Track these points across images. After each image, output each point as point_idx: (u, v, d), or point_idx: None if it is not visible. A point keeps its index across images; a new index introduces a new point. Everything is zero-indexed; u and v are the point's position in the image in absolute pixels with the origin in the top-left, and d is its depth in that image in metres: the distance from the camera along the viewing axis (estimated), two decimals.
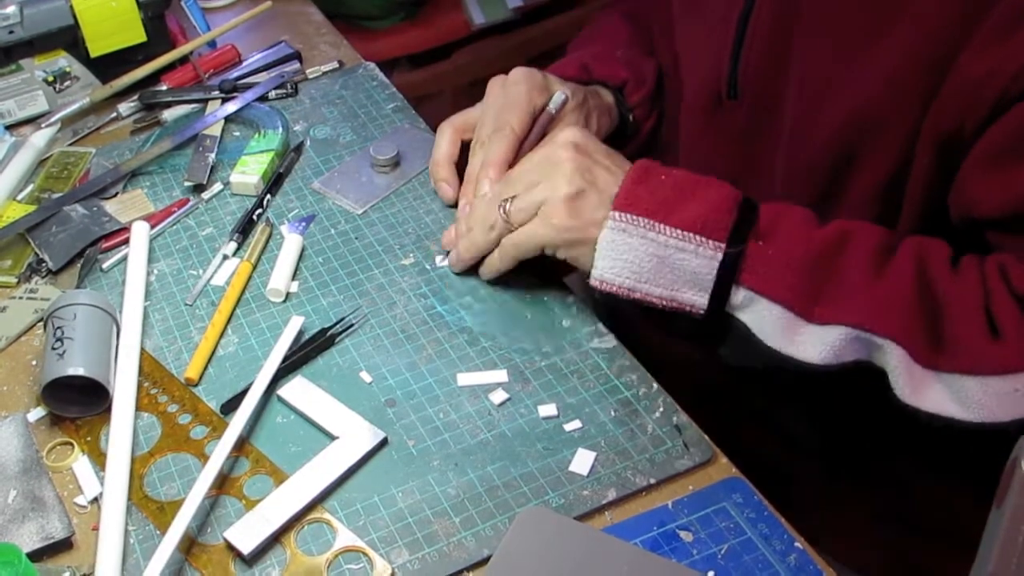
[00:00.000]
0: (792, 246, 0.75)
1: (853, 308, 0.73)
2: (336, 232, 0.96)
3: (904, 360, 0.72)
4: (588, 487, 0.74)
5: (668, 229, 0.75)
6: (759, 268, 0.74)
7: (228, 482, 0.75)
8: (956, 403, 0.71)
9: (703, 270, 0.75)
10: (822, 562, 0.70)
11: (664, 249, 0.75)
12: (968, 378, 0.70)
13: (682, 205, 0.75)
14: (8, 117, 1.11)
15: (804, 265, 0.74)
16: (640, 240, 0.75)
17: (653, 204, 0.76)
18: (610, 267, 0.77)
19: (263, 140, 1.05)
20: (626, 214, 0.76)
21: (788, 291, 0.73)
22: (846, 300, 0.73)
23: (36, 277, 0.93)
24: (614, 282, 0.77)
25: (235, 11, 1.29)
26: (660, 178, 0.78)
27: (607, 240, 0.76)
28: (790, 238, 0.75)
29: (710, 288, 0.75)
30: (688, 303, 0.77)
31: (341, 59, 1.19)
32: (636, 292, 0.77)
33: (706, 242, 0.74)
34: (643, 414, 0.79)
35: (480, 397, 0.81)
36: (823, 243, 0.75)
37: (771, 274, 0.74)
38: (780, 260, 0.74)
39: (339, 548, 0.71)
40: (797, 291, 0.73)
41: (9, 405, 0.82)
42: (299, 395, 0.81)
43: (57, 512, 0.73)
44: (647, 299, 0.78)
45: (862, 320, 0.72)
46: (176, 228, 0.98)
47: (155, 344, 0.86)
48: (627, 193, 0.77)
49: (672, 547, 0.71)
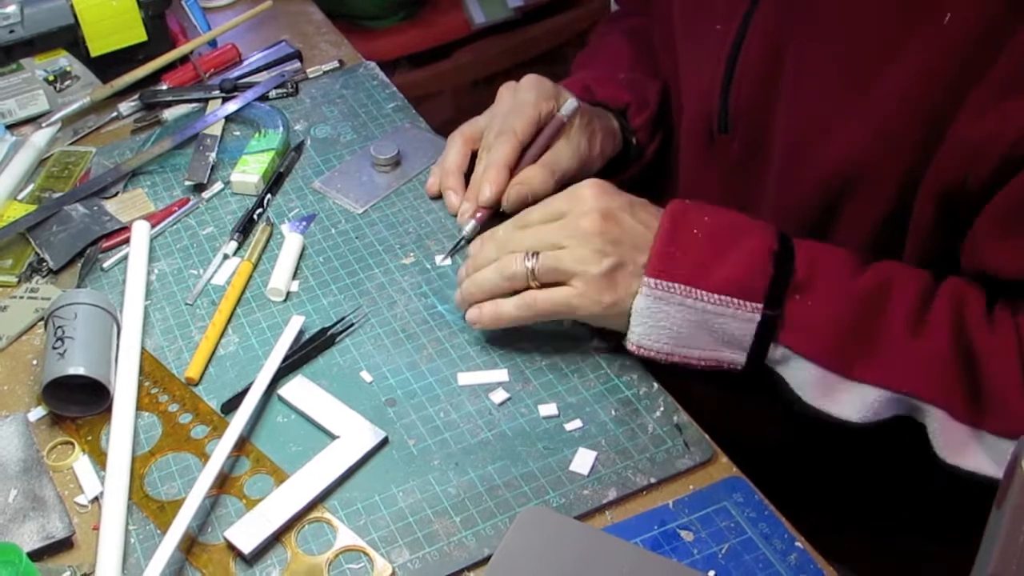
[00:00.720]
0: (830, 302, 0.73)
1: (893, 371, 0.72)
2: (337, 231, 0.96)
3: (944, 421, 0.71)
4: (589, 486, 0.74)
5: (705, 295, 0.73)
6: (796, 327, 0.73)
7: (229, 481, 0.75)
8: (995, 464, 0.70)
9: (741, 332, 0.74)
10: (823, 561, 0.70)
11: (702, 315, 0.74)
12: (1004, 441, 0.70)
13: (717, 265, 0.74)
14: (9, 116, 1.11)
15: (842, 324, 0.73)
16: (677, 308, 0.74)
17: (687, 268, 0.74)
18: (647, 334, 0.76)
19: (263, 139, 1.05)
20: (661, 281, 0.74)
21: (825, 351, 0.73)
22: (885, 361, 0.72)
23: (37, 276, 0.93)
24: (652, 348, 0.76)
25: (235, 10, 1.29)
26: (693, 232, 0.76)
27: (642, 307, 0.75)
28: (829, 292, 0.74)
29: (748, 347, 0.74)
30: (727, 361, 0.76)
31: (342, 58, 1.19)
32: (675, 356, 0.77)
33: (744, 304, 0.73)
34: (644, 413, 0.79)
35: (481, 396, 0.81)
36: (862, 299, 0.73)
37: (809, 333, 0.73)
38: (818, 318, 0.73)
39: (340, 547, 0.71)
40: (835, 351, 0.72)
41: (10, 404, 0.82)
42: (299, 394, 0.81)
43: (58, 511, 0.73)
44: (686, 361, 0.77)
45: (902, 384, 0.71)
46: (176, 227, 0.98)
47: (156, 343, 0.86)
48: (660, 257, 0.75)
49: (673, 547, 0.71)
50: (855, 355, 0.72)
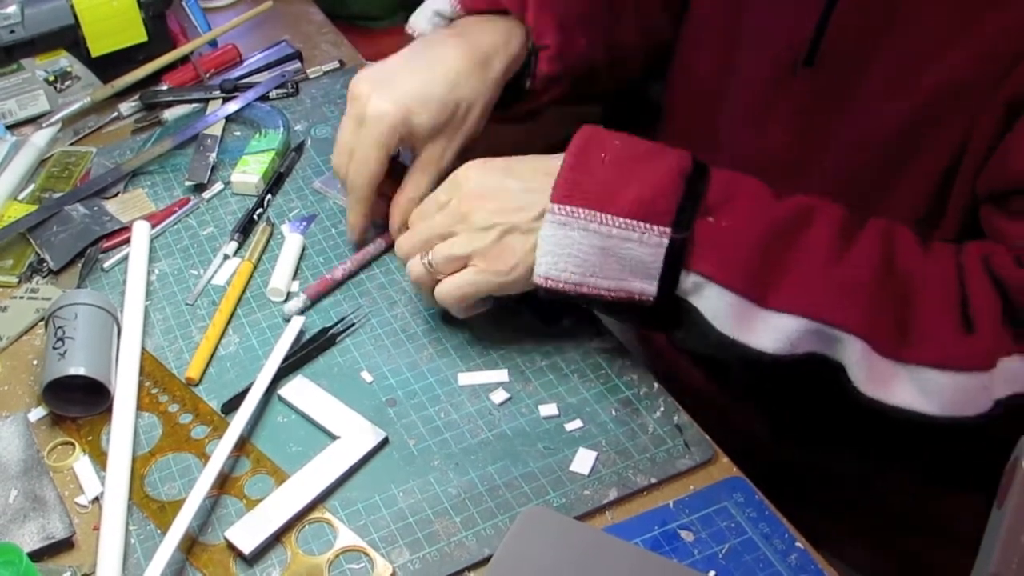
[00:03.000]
0: (745, 224, 0.70)
1: (811, 298, 0.69)
2: (337, 232, 0.96)
3: (864, 353, 0.68)
4: (589, 487, 0.74)
5: (610, 219, 0.70)
6: (708, 251, 0.70)
7: (229, 482, 0.75)
8: (921, 395, 0.68)
9: (649, 258, 0.71)
10: (823, 561, 0.70)
11: (608, 240, 0.71)
12: (935, 371, 0.67)
13: (623, 190, 0.71)
14: (9, 117, 1.11)
15: (758, 246, 0.69)
16: (582, 234, 0.71)
17: (592, 193, 0.71)
18: (554, 263, 0.73)
19: (264, 140, 1.05)
20: (564, 207, 0.71)
21: (739, 276, 0.69)
22: (803, 288, 0.69)
23: (37, 277, 0.93)
24: (559, 278, 0.73)
25: (236, 11, 1.29)
26: (600, 156, 0.73)
27: (547, 236, 0.72)
28: (743, 214, 0.70)
29: (658, 275, 0.71)
30: (636, 292, 0.73)
31: (342, 59, 1.19)
32: (583, 287, 0.73)
33: (651, 228, 0.70)
34: (644, 413, 0.79)
35: (481, 396, 0.81)
36: (780, 221, 0.70)
37: (721, 258, 0.70)
38: (731, 241, 0.70)
39: (340, 548, 0.71)
40: (749, 276, 0.69)
41: (10, 405, 0.82)
42: (300, 395, 0.81)
43: (58, 512, 0.73)
44: (595, 292, 0.73)
45: (820, 312, 0.68)
46: (177, 228, 0.98)
47: (156, 344, 0.86)
48: (565, 183, 0.72)
49: (673, 547, 0.71)
50: (771, 281, 0.69)
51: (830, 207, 0.72)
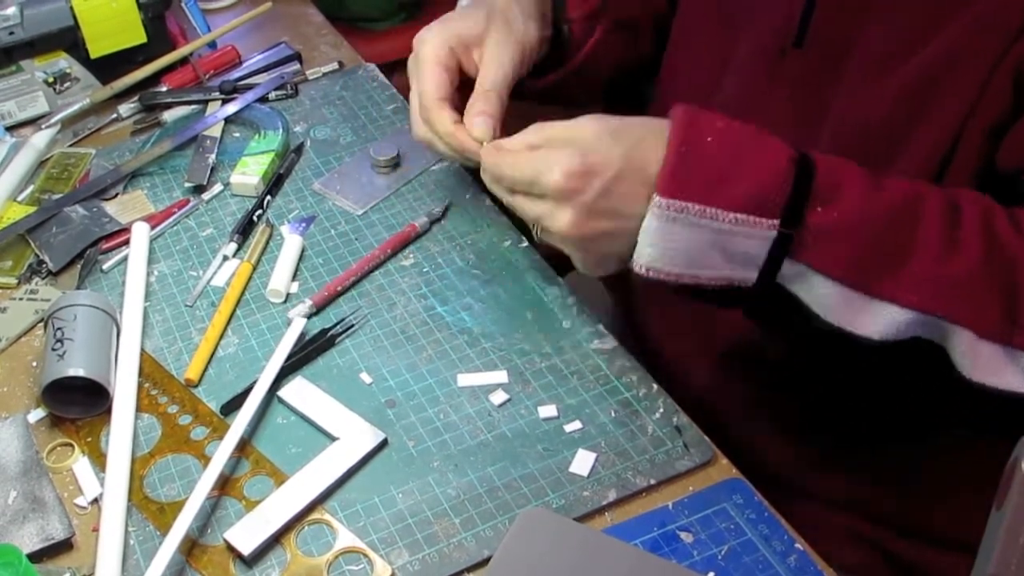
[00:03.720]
0: (854, 216, 0.69)
1: (922, 292, 0.68)
2: (336, 233, 0.96)
3: (972, 341, 0.68)
4: (588, 488, 0.74)
5: (720, 213, 0.69)
6: (816, 242, 0.69)
7: (228, 483, 0.75)
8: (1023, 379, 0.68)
9: (757, 250, 0.70)
10: (822, 563, 0.70)
11: (717, 235, 0.69)
12: None
13: (733, 182, 0.69)
14: (8, 118, 1.11)
15: (867, 238, 0.69)
16: (691, 229, 0.69)
17: (701, 185, 0.69)
18: (659, 256, 0.70)
19: (263, 141, 1.05)
20: (675, 201, 0.69)
21: (847, 268, 0.68)
22: (914, 281, 0.68)
23: (36, 278, 0.93)
24: (662, 270, 0.71)
25: (235, 12, 1.29)
26: (706, 141, 0.70)
27: (653, 227, 0.69)
28: (852, 204, 0.69)
29: (761, 264, 0.70)
30: (738, 279, 0.71)
31: (341, 60, 1.19)
32: (685, 277, 0.72)
33: (760, 221, 0.69)
34: (643, 415, 0.79)
35: (480, 398, 0.81)
36: (890, 211, 0.69)
37: (829, 249, 0.69)
38: (840, 232, 0.69)
39: (339, 549, 0.71)
40: (859, 270, 0.68)
41: (9, 406, 0.82)
42: (299, 396, 0.81)
43: (57, 513, 0.73)
44: (695, 282, 0.72)
45: (932, 306, 0.68)
46: (176, 229, 0.98)
47: (155, 345, 0.86)
48: (673, 174, 0.69)
49: (672, 548, 0.71)
50: (882, 271, 0.69)
51: (932, 193, 0.71)
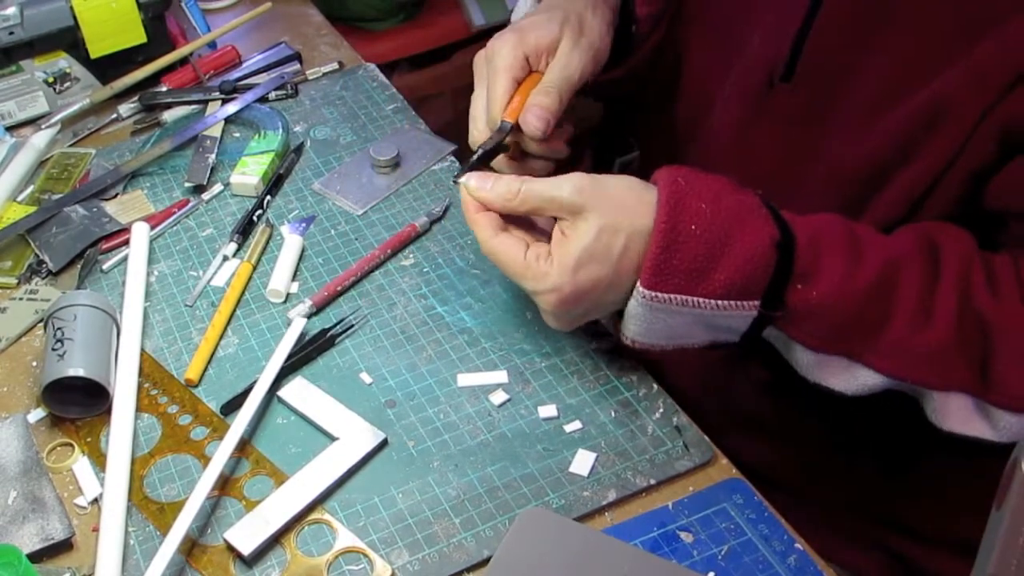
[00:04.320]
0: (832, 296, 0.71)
1: (896, 361, 0.71)
2: (336, 233, 0.96)
3: (943, 399, 0.71)
4: (588, 488, 0.74)
5: (701, 301, 0.71)
6: (795, 319, 0.72)
7: (228, 483, 0.75)
8: (992, 430, 0.71)
9: (739, 324, 0.73)
10: (822, 562, 0.70)
11: (699, 317, 0.72)
12: (1009, 414, 0.70)
13: (713, 271, 0.71)
14: (8, 118, 1.11)
15: (845, 315, 0.71)
16: (671, 315, 0.72)
17: (685, 277, 0.71)
18: (643, 333, 0.74)
19: (263, 141, 1.05)
20: (656, 293, 0.71)
21: (824, 342, 0.72)
22: (887, 354, 0.71)
23: (36, 278, 0.93)
24: (647, 342, 0.75)
25: (235, 12, 1.29)
26: (690, 230, 0.71)
27: (638, 313, 0.73)
28: (831, 285, 0.71)
29: (744, 332, 0.74)
30: (721, 342, 0.76)
31: (341, 60, 1.19)
32: (670, 347, 0.76)
33: (741, 304, 0.71)
34: (643, 415, 0.79)
35: (480, 398, 0.81)
36: (866, 289, 0.71)
37: (807, 327, 0.72)
38: (818, 312, 0.71)
39: (339, 549, 0.71)
40: (834, 342, 0.72)
41: (9, 406, 0.82)
42: (299, 396, 0.81)
43: (57, 513, 0.73)
44: (680, 347, 0.76)
45: (906, 374, 0.71)
46: (176, 229, 0.98)
47: (155, 345, 0.86)
48: (654, 269, 0.71)
49: (672, 548, 0.71)
50: (857, 345, 0.71)
51: (911, 258, 0.72)
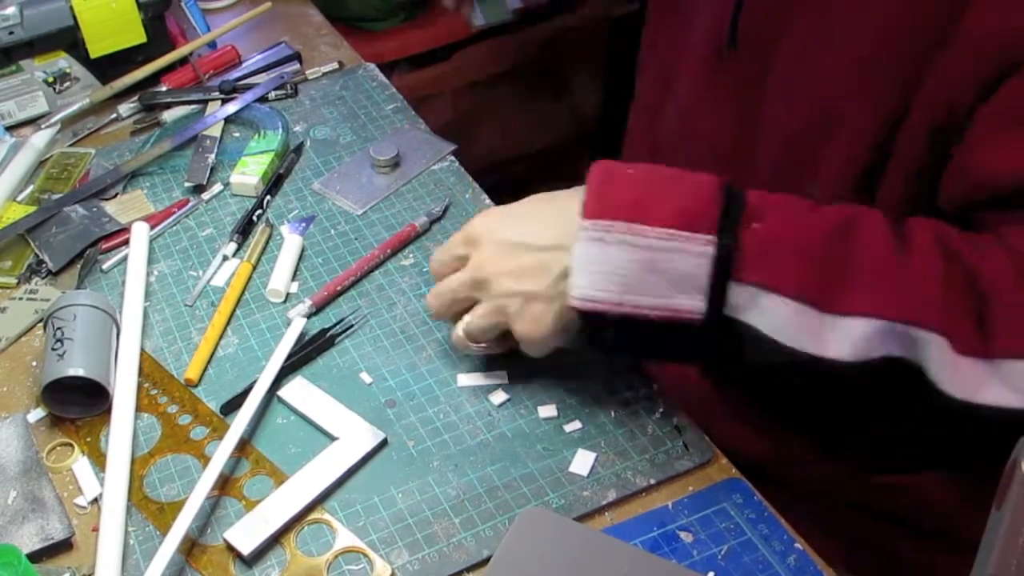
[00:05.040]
0: (793, 228, 0.66)
1: (881, 296, 0.64)
2: (336, 233, 0.96)
3: (947, 352, 0.63)
4: (588, 488, 0.74)
5: (649, 229, 0.66)
6: (759, 258, 0.65)
7: (228, 483, 0.75)
8: (1009, 391, 0.63)
9: (695, 270, 0.66)
10: (822, 562, 0.70)
11: (648, 252, 0.67)
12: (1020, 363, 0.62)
13: (659, 200, 0.67)
14: (8, 118, 1.11)
15: (812, 248, 0.65)
16: (619, 248, 0.67)
17: (626, 205, 0.68)
18: (591, 283, 0.68)
19: (263, 141, 1.05)
20: (599, 221, 0.67)
21: (797, 280, 0.65)
22: (871, 286, 0.64)
23: (36, 278, 0.93)
24: (598, 298, 0.68)
25: (235, 12, 1.29)
26: (627, 173, 0.69)
27: (582, 253, 0.68)
28: (789, 220, 0.67)
29: (706, 289, 0.66)
30: (684, 309, 0.67)
31: (341, 60, 1.19)
32: (624, 306, 0.68)
33: (694, 236, 0.66)
34: (643, 415, 0.79)
35: (480, 398, 0.81)
36: (829, 223, 0.66)
37: (774, 263, 0.65)
38: (782, 246, 0.65)
39: (339, 549, 0.71)
40: (808, 279, 0.65)
41: (9, 406, 0.82)
42: (299, 396, 0.81)
43: (57, 513, 0.73)
44: (638, 312, 0.68)
45: (896, 311, 0.64)
46: (176, 229, 0.98)
47: (155, 345, 0.86)
48: (596, 197, 0.68)
49: (672, 548, 0.71)
50: (835, 283, 0.65)
51: (871, 210, 0.68)
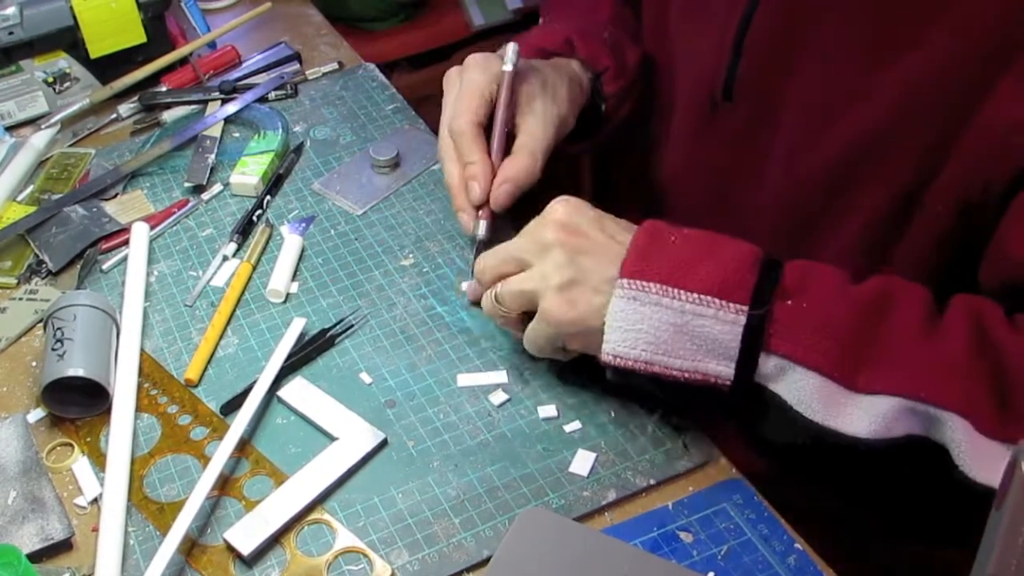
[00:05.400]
0: (827, 305, 0.67)
1: (905, 375, 0.65)
2: (336, 233, 0.96)
3: (968, 433, 0.64)
4: (588, 488, 0.74)
5: (684, 294, 0.68)
6: (790, 332, 0.67)
7: (228, 483, 0.75)
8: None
9: (726, 336, 0.68)
10: (822, 563, 0.70)
11: (681, 316, 0.68)
12: None
13: (697, 267, 0.69)
14: (8, 118, 1.11)
15: (842, 326, 0.67)
16: (654, 308, 0.69)
17: (665, 268, 0.69)
18: (622, 340, 0.70)
19: (263, 141, 1.05)
20: (636, 281, 0.69)
21: (825, 357, 0.66)
22: (896, 366, 0.66)
23: (36, 278, 0.93)
24: (628, 356, 0.70)
25: (235, 12, 1.29)
26: (671, 239, 0.71)
27: (617, 311, 0.69)
28: (824, 297, 0.68)
29: (735, 356, 0.68)
30: (713, 374, 0.69)
31: (341, 60, 1.19)
32: (655, 366, 0.70)
33: (727, 305, 0.67)
34: (643, 415, 0.79)
35: (480, 398, 0.81)
36: (863, 302, 0.67)
37: (804, 338, 0.67)
38: (814, 322, 0.67)
39: (339, 549, 0.71)
40: (835, 356, 0.66)
41: (9, 406, 0.82)
42: (299, 396, 0.81)
43: (57, 513, 0.73)
44: (667, 373, 0.70)
45: (916, 389, 0.64)
46: (176, 229, 0.98)
47: (155, 345, 0.86)
48: (636, 258, 0.70)
49: (672, 548, 0.71)
50: (861, 360, 0.66)
51: (910, 286, 0.69)
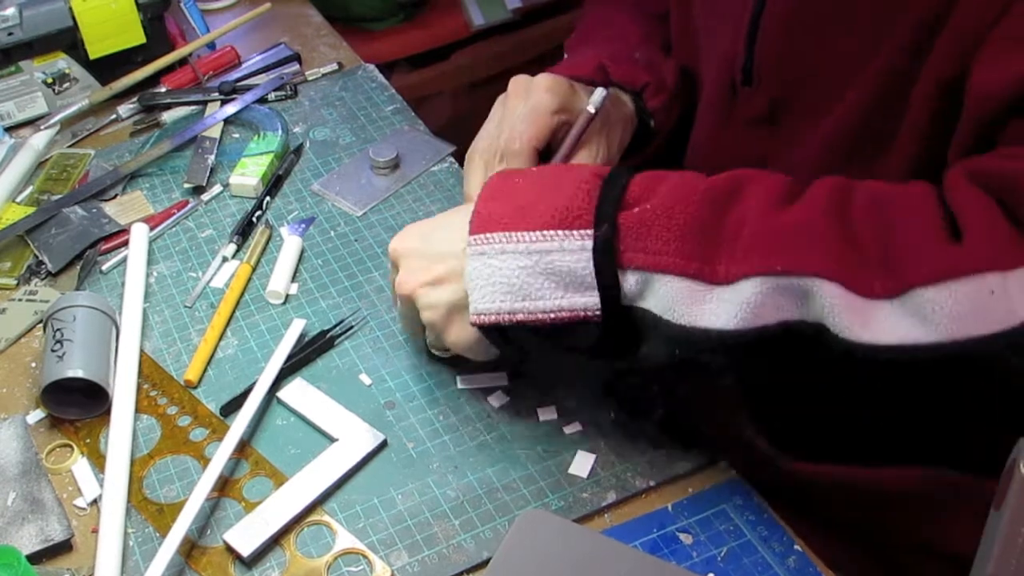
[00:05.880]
0: (670, 205, 0.65)
1: (760, 253, 0.62)
2: (336, 234, 0.96)
3: (841, 295, 0.60)
4: (588, 489, 0.74)
5: (527, 235, 0.66)
6: (638, 241, 0.65)
7: (228, 484, 0.75)
8: (918, 324, 0.59)
9: (578, 265, 0.65)
10: (821, 564, 0.70)
11: (529, 257, 0.66)
12: (929, 289, 0.58)
13: (538, 204, 0.67)
14: (7, 119, 1.11)
15: (689, 221, 0.64)
16: (501, 257, 0.67)
17: (507, 214, 0.68)
18: (481, 297, 0.68)
19: (262, 142, 1.05)
20: (480, 235, 0.68)
21: (677, 257, 0.64)
22: (750, 247, 0.62)
23: (35, 279, 0.93)
24: (490, 310, 0.68)
25: (234, 13, 1.29)
26: (515, 181, 0.70)
27: (471, 271, 0.68)
28: (668, 197, 0.65)
29: (595, 282, 0.65)
30: (580, 308, 0.66)
31: (340, 61, 1.19)
32: (518, 314, 0.67)
33: (571, 234, 0.65)
34: (643, 416, 0.79)
35: (480, 399, 0.81)
36: (711, 193, 0.65)
37: (651, 244, 0.64)
38: (658, 225, 0.64)
39: (339, 550, 0.71)
40: (687, 253, 0.63)
41: (8, 407, 0.82)
42: (299, 397, 0.81)
43: (56, 514, 0.73)
44: (536, 319, 0.67)
45: (773, 263, 0.61)
46: (175, 230, 0.98)
47: (154, 346, 0.86)
48: (479, 215, 0.69)
49: (672, 549, 0.71)
50: (716, 250, 0.63)
51: (766, 173, 0.67)
